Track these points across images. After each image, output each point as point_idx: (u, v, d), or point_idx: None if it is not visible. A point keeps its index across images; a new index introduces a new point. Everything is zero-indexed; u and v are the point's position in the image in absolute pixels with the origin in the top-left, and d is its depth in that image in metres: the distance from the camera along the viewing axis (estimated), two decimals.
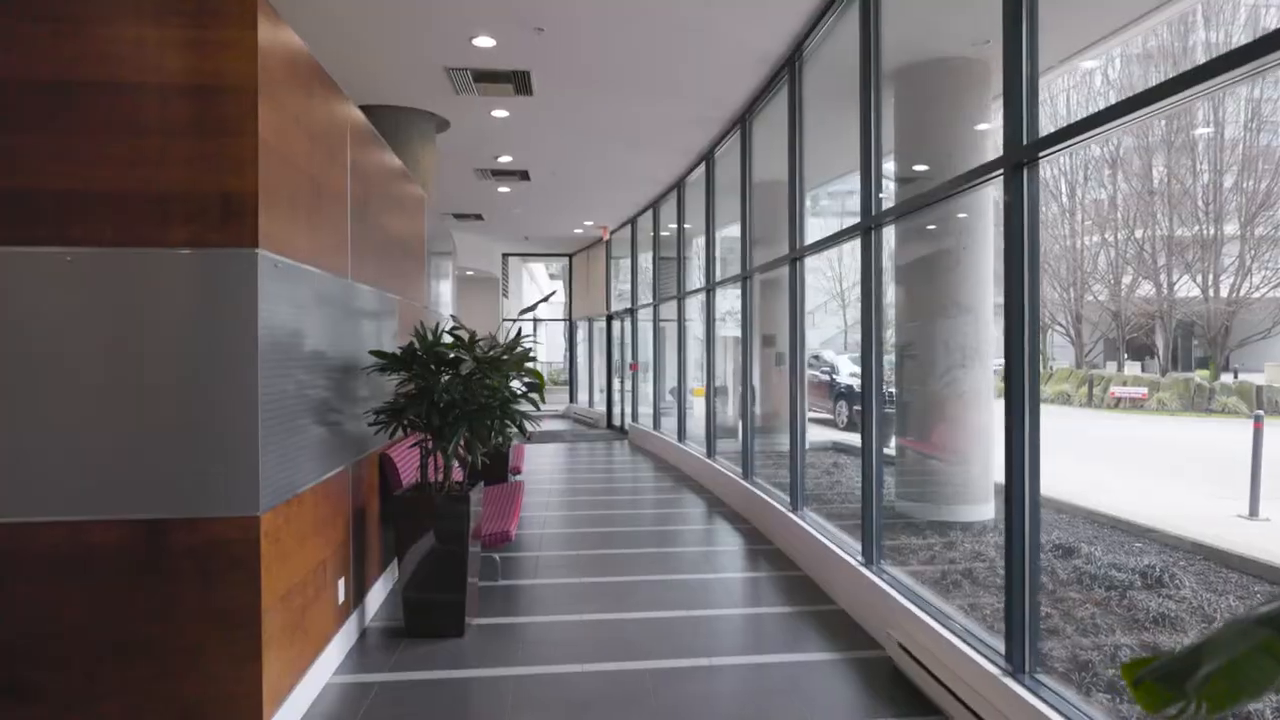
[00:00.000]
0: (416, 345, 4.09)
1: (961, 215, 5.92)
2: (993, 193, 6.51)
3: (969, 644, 3.17)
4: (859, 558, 4.46)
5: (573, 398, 18.68)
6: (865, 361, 4.50)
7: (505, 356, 4.19)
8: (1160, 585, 5.06)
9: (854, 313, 25.99)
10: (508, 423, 4.15)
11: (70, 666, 2.65)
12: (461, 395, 3.99)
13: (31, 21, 2.64)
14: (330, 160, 3.65)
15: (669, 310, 11.28)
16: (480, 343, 4.28)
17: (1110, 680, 3.76)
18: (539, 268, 28.21)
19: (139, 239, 2.69)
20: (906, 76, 5.88)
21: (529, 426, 4.28)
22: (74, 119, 2.66)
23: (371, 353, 4.07)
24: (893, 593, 3.87)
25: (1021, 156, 2.87)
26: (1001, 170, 2.97)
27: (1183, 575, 5.25)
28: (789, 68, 5.80)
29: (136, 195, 2.69)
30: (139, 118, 2.69)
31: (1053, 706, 2.65)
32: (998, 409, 6.21)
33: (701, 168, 8.85)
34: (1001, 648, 3.03)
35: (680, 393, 10.61)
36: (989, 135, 6.29)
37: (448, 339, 4.23)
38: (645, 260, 13.20)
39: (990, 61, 6.05)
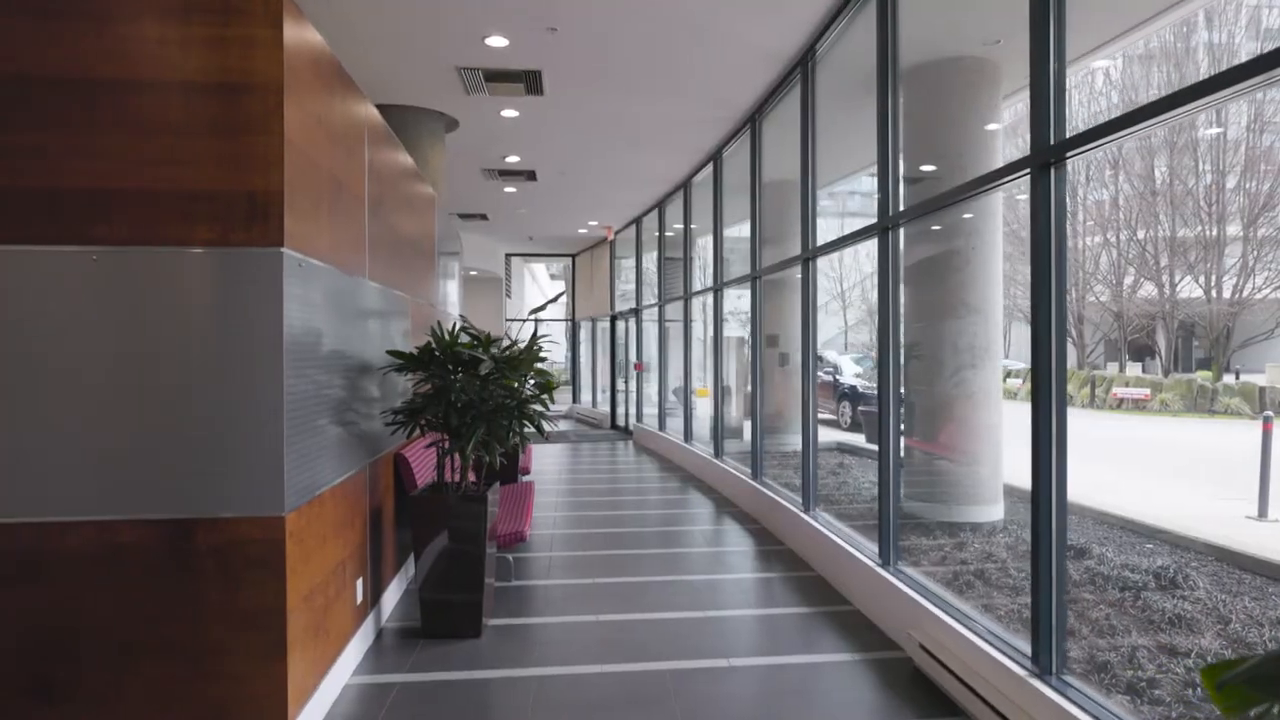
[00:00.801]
0: (434, 345, 4.08)
1: (967, 215, 5.91)
2: (1001, 193, 6.52)
3: (994, 645, 3.16)
4: (875, 558, 4.45)
5: (575, 398, 18.68)
6: (882, 362, 4.50)
7: (523, 356, 4.18)
8: (1174, 586, 5.05)
9: (855, 313, 25.98)
10: (525, 423, 4.13)
11: (96, 666, 2.64)
12: (479, 395, 3.98)
13: (56, 19, 2.63)
14: (349, 159, 3.64)
15: (673, 310, 11.28)
16: (496, 342, 4.27)
17: (1129, 681, 3.75)
18: (540, 268, 28.20)
19: (164, 238, 2.68)
20: (915, 76, 5.87)
21: (546, 426, 4.27)
22: (99, 117, 2.65)
23: (389, 353, 4.06)
24: (912, 594, 3.86)
25: (1049, 156, 2.86)
26: (1028, 170, 2.96)
27: (1196, 576, 5.24)
28: (802, 67, 5.79)
29: (161, 194, 2.68)
30: (164, 116, 2.68)
31: (1081, 708, 2.64)
32: (1006, 409, 6.23)
33: (709, 168, 8.85)
34: (1026, 648, 3.03)
35: (685, 393, 10.60)
36: (999, 135, 6.30)
37: (465, 339, 4.22)
38: (649, 260, 13.19)
39: (1000, 61, 6.05)
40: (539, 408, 4.29)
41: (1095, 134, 2.67)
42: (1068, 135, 2.84)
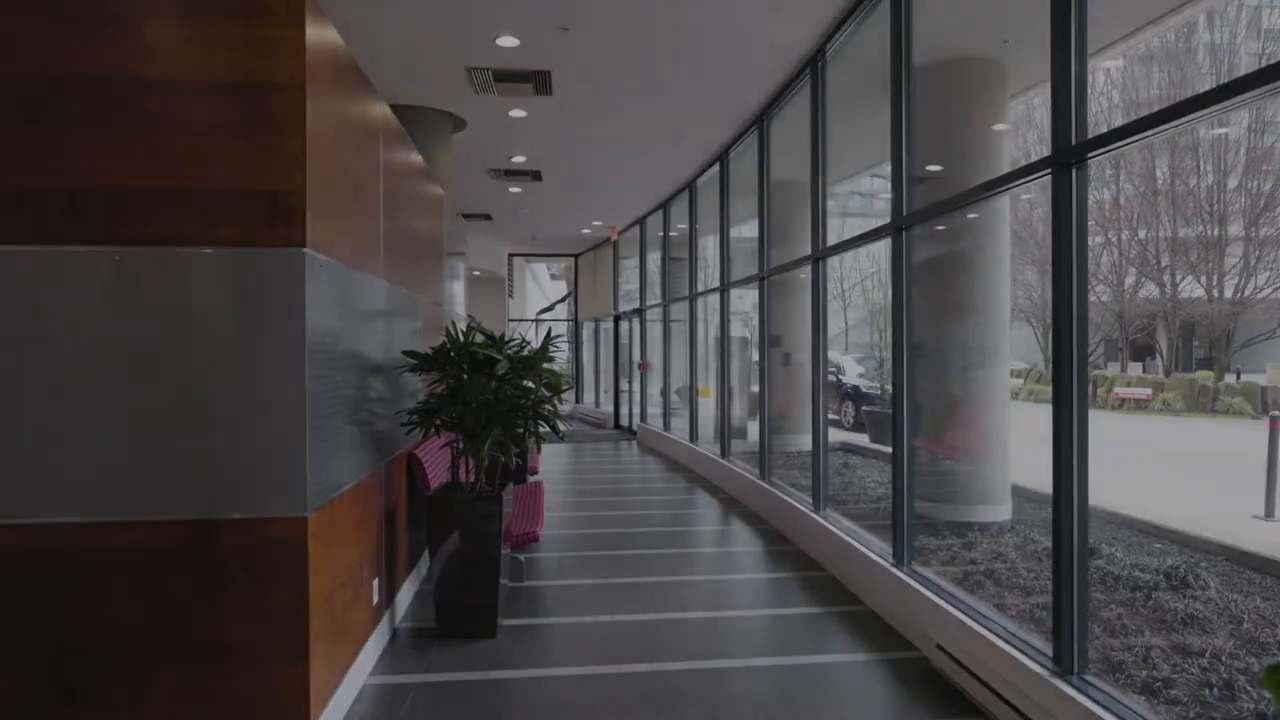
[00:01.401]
0: (449, 346, 4.08)
1: (973, 216, 5.91)
2: (1008, 194, 6.54)
3: (1014, 645, 3.16)
4: (889, 558, 4.45)
5: (579, 398, 18.68)
6: (895, 363, 4.50)
7: (536, 356, 4.18)
8: (1185, 586, 5.05)
9: (856, 313, 25.99)
10: (541, 423, 4.13)
11: (120, 667, 2.63)
12: (494, 395, 3.98)
13: (81, 20, 2.62)
14: (365, 159, 3.64)
15: (676, 311, 11.27)
16: (508, 343, 4.26)
17: (1145, 680, 3.75)
18: (541, 268, 28.16)
19: (187, 238, 2.67)
20: (923, 76, 5.86)
21: (561, 426, 4.27)
22: (122, 117, 2.64)
23: (405, 353, 4.05)
24: (928, 594, 3.86)
25: (1071, 157, 2.86)
26: (1049, 170, 2.96)
27: (1207, 576, 5.24)
28: (812, 68, 5.79)
29: (184, 194, 2.67)
30: (187, 116, 2.67)
31: (1105, 707, 2.64)
32: (1013, 410, 6.21)
33: (715, 168, 8.84)
34: (1047, 648, 3.03)
35: (691, 393, 10.60)
36: (1006, 136, 6.30)
37: (479, 339, 4.21)
38: (652, 261, 13.19)
39: (1007, 62, 6.06)
40: (550, 408, 4.29)
41: (1118, 134, 2.67)
42: (1089, 135, 2.84)
